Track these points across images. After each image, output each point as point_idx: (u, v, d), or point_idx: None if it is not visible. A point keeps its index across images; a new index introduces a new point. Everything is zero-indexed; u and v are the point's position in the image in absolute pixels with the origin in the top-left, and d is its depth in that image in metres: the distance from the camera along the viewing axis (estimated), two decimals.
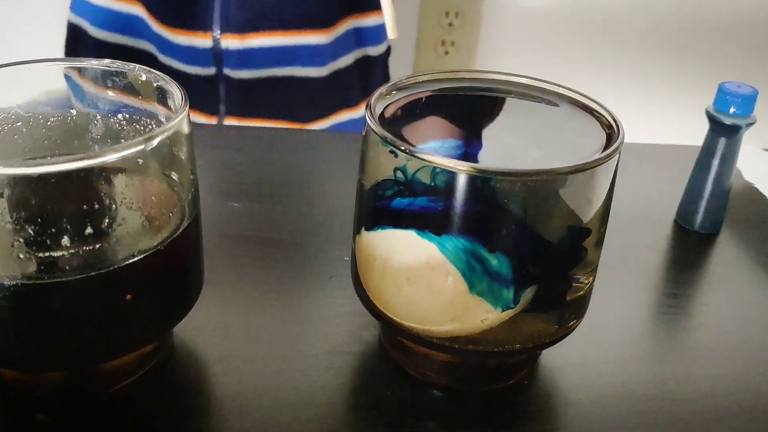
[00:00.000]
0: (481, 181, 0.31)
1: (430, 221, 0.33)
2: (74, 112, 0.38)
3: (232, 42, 0.79)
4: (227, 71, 0.80)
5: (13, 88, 0.37)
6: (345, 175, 0.59)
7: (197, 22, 0.79)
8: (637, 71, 1.21)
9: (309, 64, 0.82)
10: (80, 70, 0.38)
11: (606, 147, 0.34)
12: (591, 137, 0.36)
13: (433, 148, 0.35)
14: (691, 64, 1.20)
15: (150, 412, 0.36)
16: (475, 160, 0.35)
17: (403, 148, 0.32)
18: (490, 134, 0.37)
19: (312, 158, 0.61)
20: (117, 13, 0.82)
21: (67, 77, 0.38)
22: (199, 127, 0.66)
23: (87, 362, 0.34)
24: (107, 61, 0.38)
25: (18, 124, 0.37)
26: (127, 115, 0.38)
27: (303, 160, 0.61)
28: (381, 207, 0.35)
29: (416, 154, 0.32)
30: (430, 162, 0.31)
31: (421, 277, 0.34)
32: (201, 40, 0.79)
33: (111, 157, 0.30)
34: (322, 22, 0.81)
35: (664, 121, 1.18)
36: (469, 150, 0.36)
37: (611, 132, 0.35)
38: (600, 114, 0.37)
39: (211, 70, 0.80)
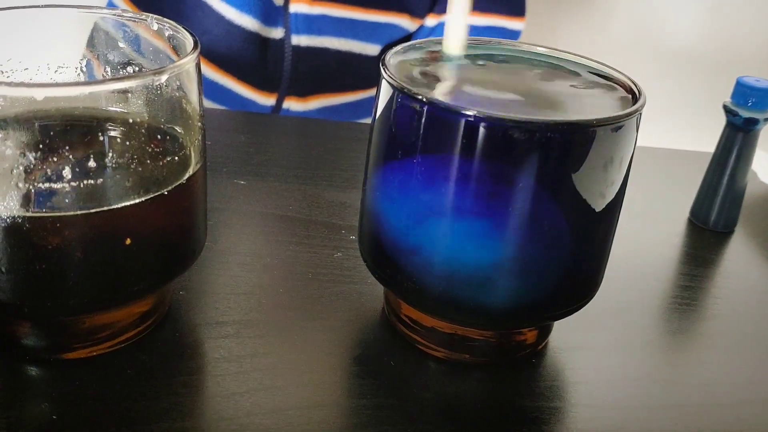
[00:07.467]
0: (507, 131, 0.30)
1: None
2: (85, 61, 0.38)
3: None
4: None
5: (23, 33, 0.37)
6: (351, 158, 0.58)
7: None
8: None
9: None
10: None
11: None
12: (611, 103, 0.35)
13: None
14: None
15: (144, 371, 0.35)
16: None
17: (420, 96, 0.31)
18: (504, 102, 0.36)
19: (317, 143, 0.61)
20: None
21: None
22: (209, 112, 0.66)
23: (81, 308, 0.33)
24: (120, 9, 0.37)
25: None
26: (137, 68, 0.38)
27: (310, 144, 0.61)
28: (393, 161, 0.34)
29: (433, 101, 0.31)
30: (447, 109, 0.31)
31: None
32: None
33: (118, 85, 0.29)
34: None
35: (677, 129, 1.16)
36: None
37: (632, 96, 0.35)
38: (619, 81, 0.36)
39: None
